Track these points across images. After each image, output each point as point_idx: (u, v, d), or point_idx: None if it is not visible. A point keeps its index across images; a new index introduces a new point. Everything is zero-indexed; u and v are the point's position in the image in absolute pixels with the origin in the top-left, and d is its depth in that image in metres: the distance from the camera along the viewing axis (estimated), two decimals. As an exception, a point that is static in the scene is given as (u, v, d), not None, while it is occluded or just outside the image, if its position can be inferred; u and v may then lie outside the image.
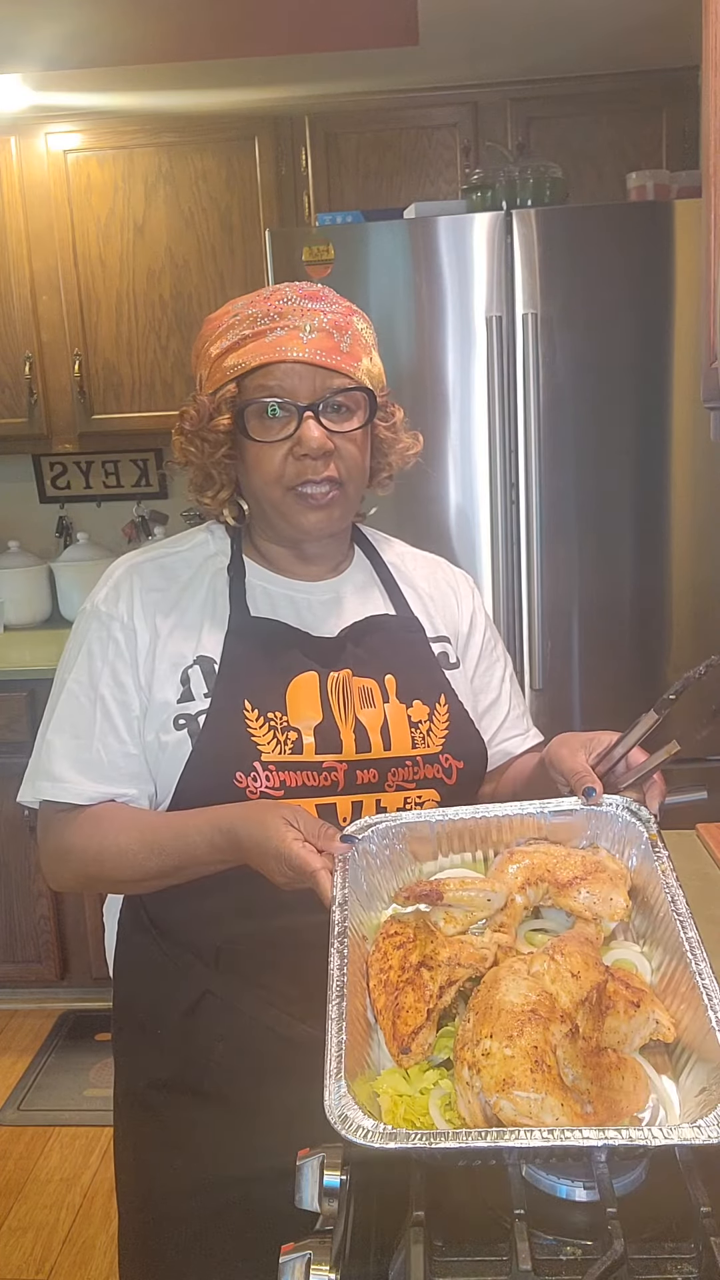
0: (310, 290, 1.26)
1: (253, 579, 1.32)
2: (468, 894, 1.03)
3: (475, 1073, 0.84)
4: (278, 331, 1.21)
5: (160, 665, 1.26)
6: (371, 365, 1.27)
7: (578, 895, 1.03)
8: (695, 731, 1.13)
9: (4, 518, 3.80)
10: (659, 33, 2.72)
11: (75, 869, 1.29)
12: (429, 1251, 0.79)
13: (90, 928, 3.26)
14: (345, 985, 0.91)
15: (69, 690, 1.28)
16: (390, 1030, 0.93)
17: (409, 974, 0.96)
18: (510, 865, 1.06)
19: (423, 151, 3.19)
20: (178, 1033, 1.29)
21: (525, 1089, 0.81)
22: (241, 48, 2.81)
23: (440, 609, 1.40)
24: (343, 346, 1.23)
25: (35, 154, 3.26)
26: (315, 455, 1.22)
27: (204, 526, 1.38)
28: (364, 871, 1.08)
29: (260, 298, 1.25)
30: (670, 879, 1.03)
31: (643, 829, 1.09)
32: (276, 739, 1.22)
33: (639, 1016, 0.90)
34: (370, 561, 1.40)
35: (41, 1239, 2.47)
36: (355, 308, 1.29)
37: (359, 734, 1.24)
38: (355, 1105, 0.80)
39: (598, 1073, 0.84)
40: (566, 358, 2.68)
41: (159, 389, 3.37)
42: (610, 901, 1.03)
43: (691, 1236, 0.81)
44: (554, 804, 1.14)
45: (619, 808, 1.12)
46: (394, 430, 1.33)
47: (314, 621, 1.31)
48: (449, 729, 1.30)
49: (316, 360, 1.21)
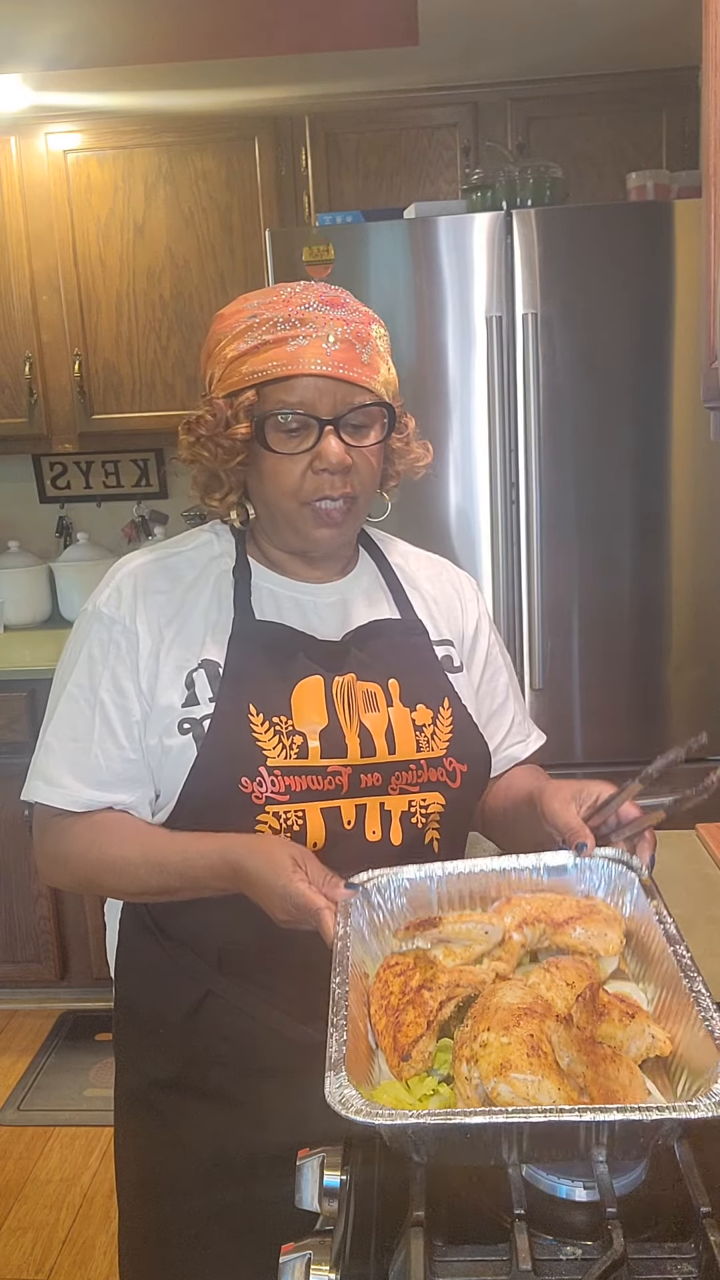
0: (330, 296, 1.23)
1: (258, 581, 1.31)
2: (466, 927, 1.04)
3: (473, 1064, 0.85)
4: (299, 340, 1.19)
5: (164, 669, 1.25)
6: (388, 374, 1.25)
7: (573, 932, 1.05)
8: (685, 800, 1.14)
9: (4, 518, 3.80)
10: (659, 33, 2.72)
11: (73, 873, 1.29)
12: (429, 1251, 0.79)
13: (90, 928, 3.26)
14: (346, 1008, 0.91)
15: (69, 693, 1.27)
16: (391, 1045, 0.94)
17: (409, 996, 0.97)
18: (507, 909, 1.08)
19: (423, 151, 3.19)
20: (180, 1033, 1.29)
21: (522, 1071, 0.82)
22: (241, 48, 2.81)
23: (445, 612, 1.40)
24: (364, 358, 1.21)
25: (35, 154, 3.26)
26: (334, 470, 1.21)
27: (208, 526, 1.36)
28: (364, 915, 1.08)
29: (279, 299, 1.22)
30: (664, 913, 1.04)
31: (634, 876, 1.11)
32: (282, 743, 1.21)
33: (634, 1026, 0.91)
34: (375, 563, 1.39)
35: (41, 1239, 2.47)
36: (372, 314, 1.27)
37: (364, 738, 1.24)
38: (354, 1090, 0.81)
39: (593, 1059, 0.85)
40: (566, 358, 2.68)
41: (159, 389, 3.37)
42: (605, 937, 1.04)
43: (691, 1236, 0.81)
44: (549, 858, 1.15)
45: (610, 860, 1.14)
46: (406, 441, 1.32)
47: (319, 624, 1.30)
48: (453, 732, 1.29)
49: (339, 374, 1.19)
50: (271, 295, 1.23)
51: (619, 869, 1.12)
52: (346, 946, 1.00)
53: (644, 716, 2.88)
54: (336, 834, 1.22)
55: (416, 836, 1.26)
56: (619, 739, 2.86)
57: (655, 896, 1.06)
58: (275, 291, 1.24)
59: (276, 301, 1.22)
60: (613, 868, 1.13)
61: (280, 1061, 1.24)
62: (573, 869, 1.14)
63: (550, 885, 1.14)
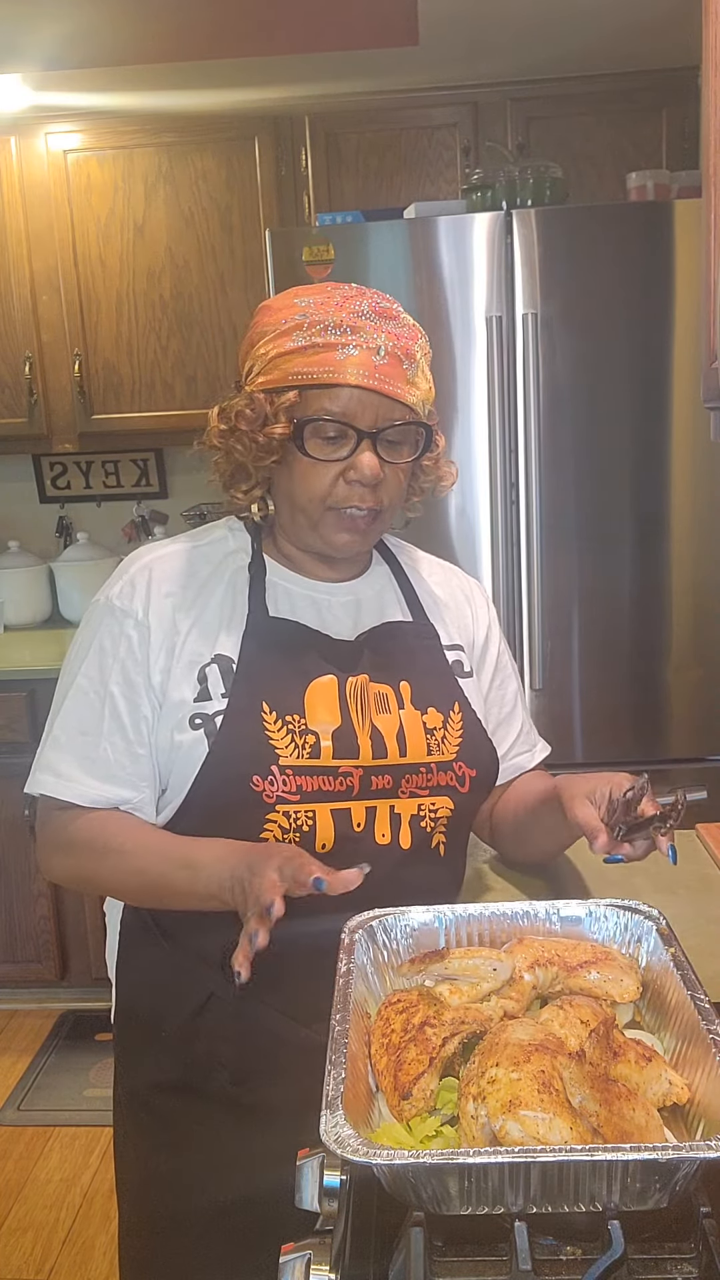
0: (384, 307, 1.22)
1: (273, 578, 1.31)
2: (473, 963, 1.01)
3: (480, 1101, 0.82)
4: (349, 349, 1.18)
5: (177, 664, 1.24)
6: (428, 390, 1.25)
7: (588, 975, 1.01)
8: (661, 824, 1.14)
9: (4, 518, 3.80)
10: (659, 33, 2.72)
11: (75, 866, 1.28)
12: (429, 1251, 0.79)
13: (90, 928, 3.26)
14: (346, 1046, 0.88)
15: (78, 685, 1.26)
16: (391, 1084, 0.90)
17: (412, 1033, 0.93)
18: (519, 949, 1.05)
19: (423, 151, 3.19)
20: (181, 1036, 1.29)
21: (533, 1108, 0.79)
22: (241, 48, 2.81)
23: (455, 618, 1.40)
24: (409, 375, 1.21)
25: (35, 154, 3.26)
26: (366, 483, 1.21)
27: (222, 522, 1.36)
28: (369, 954, 1.06)
29: (332, 303, 1.21)
30: (683, 959, 1.00)
31: (651, 925, 1.08)
32: (294, 742, 1.21)
33: (650, 1069, 0.88)
34: (389, 566, 1.40)
35: (41, 1239, 2.47)
36: (419, 328, 1.26)
37: (375, 740, 1.24)
38: (352, 1130, 0.78)
39: (607, 1098, 0.82)
40: (566, 358, 2.68)
41: (159, 389, 3.37)
42: (621, 983, 1.01)
43: (691, 1236, 0.80)
44: (563, 905, 1.13)
45: (624, 910, 1.11)
46: (436, 461, 1.33)
47: (333, 623, 1.30)
48: (463, 737, 1.29)
49: (385, 389, 1.19)
50: (325, 295, 1.22)
51: (635, 918, 1.10)
52: (349, 984, 0.98)
53: (644, 717, 2.88)
54: (345, 836, 1.21)
55: (424, 840, 1.26)
56: (619, 739, 2.86)
57: (673, 944, 1.03)
58: (329, 292, 1.23)
59: (329, 304, 1.21)
60: (627, 916, 1.10)
61: (282, 1064, 1.24)
62: (587, 917, 1.12)
63: (564, 933, 1.11)
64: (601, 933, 1.11)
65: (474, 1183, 0.77)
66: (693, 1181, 0.79)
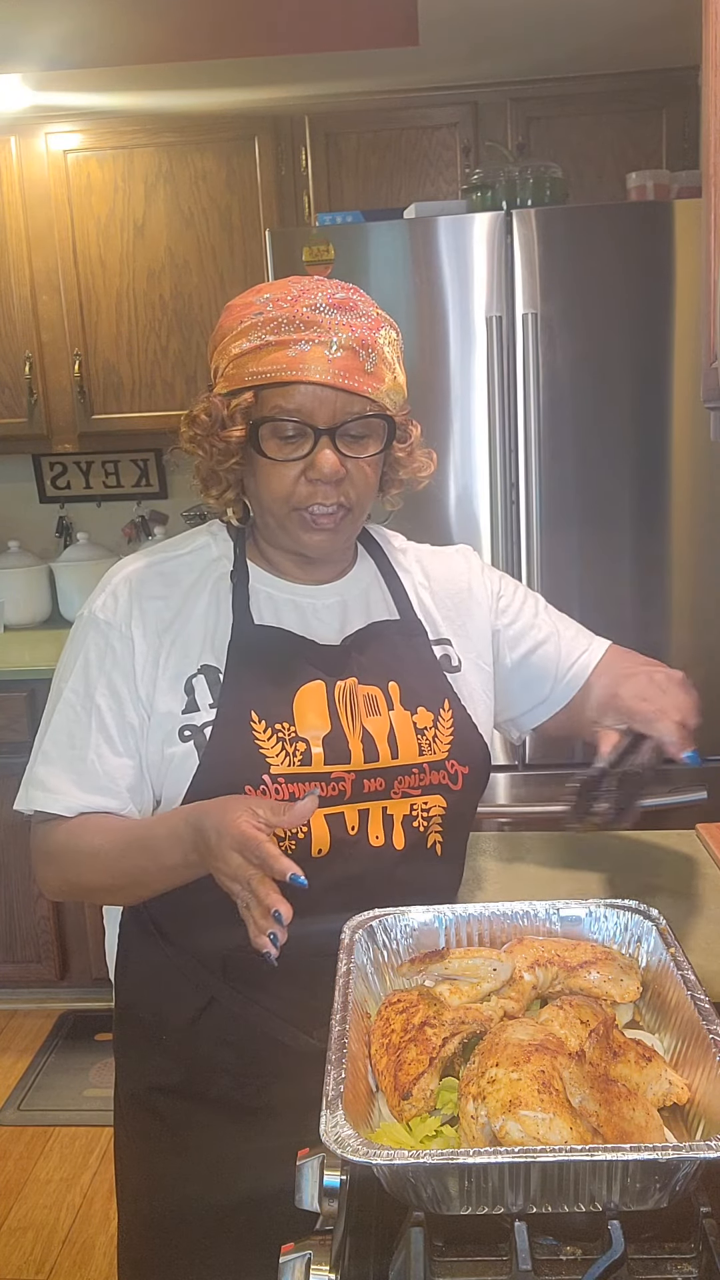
0: (340, 298, 1.19)
1: (256, 584, 1.30)
2: (473, 963, 1.01)
3: (480, 1101, 0.82)
4: (302, 345, 1.16)
5: (163, 675, 1.23)
6: (395, 380, 1.22)
7: (588, 975, 1.02)
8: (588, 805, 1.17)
9: (4, 518, 3.80)
10: (659, 33, 2.72)
11: (57, 874, 1.27)
12: (429, 1251, 0.79)
13: (90, 928, 3.25)
14: (346, 1046, 0.88)
15: (65, 699, 1.26)
16: (391, 1084, 0.90)
17: (412, 1033, 0.94)
18: (519, 949, 1.05)
19: (423, 151, 3.19)
20: (182, 1039, 1.29)
21: (533, 1108, 0.80)
22: (241, 48, 2.81)
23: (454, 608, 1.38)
24: (367, 366, 1.18)
25: (35, 154, 3.26)
26: (327, 480, 1.19)
27: (205, 528, 1.35)
28: (369, 954, 1.06)
29: (287, 297, 1.18)
30: (682, 959, 1.00)
31: (651, 925, 1.08)
32: (285, 750, 1.20)
33: (650, 1069, 0.88)
34: (375, 561, 1.38)
35: (41, 1239, 2.47)
36: (385, 316, 1.23)
37: (366, 743, 1.23)
38: (351, 1130, 0.79)
39: (607, 1098, 0.82)
40: (566, 358, 2.68)
41: (159, 389, 3.37)
42: (621, 983, 1.02)
43: (691, 1236, 0.80)
44: (563, 905, 1.14)
45: (625, 910, 1.11)
46: (409, 451, 1.30)
47: (319, 627, 1.29)
48: (454, 735, 1.28)
49: (340, 383, 1.16)
50: (282, 291, 1.20)
51: (635, 918, 1.10)
52: (349, 984, 0.98)
53: (644, 716, 2.87)
54: (340, 840, 1.21)
55: (419, 840, 1.26)
56: (619, 739, 2.86)
57: (673, 944, 1.03)
58: (286, 288, 1.21)
59: (285, 299, 1.19)
60: (627, 916, 1.11)
61: (283, 1068, 1.23)
62: (587, 917, 1.12)
63: (564, 933, 1.11)
64: (601, 933, 1.11)
65: (474, 1183, 0.77)
66: (693, 1181, 0.79)
